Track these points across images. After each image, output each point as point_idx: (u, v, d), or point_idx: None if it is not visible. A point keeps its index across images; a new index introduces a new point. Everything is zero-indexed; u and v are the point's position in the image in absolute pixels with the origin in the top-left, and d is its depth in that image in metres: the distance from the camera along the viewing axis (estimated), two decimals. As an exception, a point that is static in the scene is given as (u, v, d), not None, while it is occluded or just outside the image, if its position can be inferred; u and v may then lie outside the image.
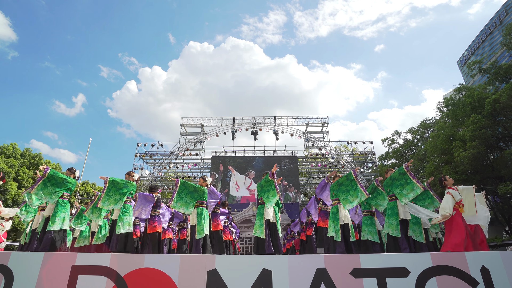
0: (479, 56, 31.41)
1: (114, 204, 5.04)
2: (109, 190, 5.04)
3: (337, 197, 5.26)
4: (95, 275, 3.36)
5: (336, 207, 5.27)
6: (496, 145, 23.06)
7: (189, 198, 5.17)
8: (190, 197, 5.18)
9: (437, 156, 23.87)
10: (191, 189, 5.22)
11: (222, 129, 26.79)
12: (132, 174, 5.53)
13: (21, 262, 3.45)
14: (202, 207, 5.17)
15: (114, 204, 5.05)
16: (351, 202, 5.05)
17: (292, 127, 27.17)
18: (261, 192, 5.41)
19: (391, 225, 5.01)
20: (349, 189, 5.10)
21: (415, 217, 5.04)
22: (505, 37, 23.63)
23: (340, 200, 5.20)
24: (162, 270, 3.37)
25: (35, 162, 30.71)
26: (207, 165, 27.12)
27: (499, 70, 22.93)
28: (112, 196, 5.04)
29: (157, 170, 25.62)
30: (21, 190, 27.34)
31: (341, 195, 5.17)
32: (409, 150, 33.21)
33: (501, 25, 40.90)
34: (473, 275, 3.33)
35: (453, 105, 24.53)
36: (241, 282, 3.30)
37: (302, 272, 3.35)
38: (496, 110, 19.96)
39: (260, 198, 5.41)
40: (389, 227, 5.01)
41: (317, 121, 27.50)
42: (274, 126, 26.84)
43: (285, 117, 27.59)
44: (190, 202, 5.16)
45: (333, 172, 5.81)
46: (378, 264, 3.41)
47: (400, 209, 5.08)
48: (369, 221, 5.38)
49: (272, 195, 5.22)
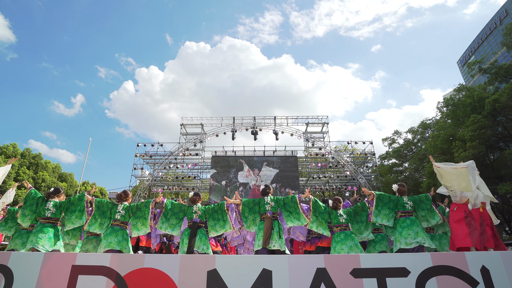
0: (479, 56, 31.42)
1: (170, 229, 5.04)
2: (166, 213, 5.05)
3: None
4: (95, 275, 3.36)
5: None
6: (496, 145, 23.05)
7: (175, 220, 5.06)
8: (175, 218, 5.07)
9: (437, 156, 23.84)
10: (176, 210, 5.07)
11: (222, 129, 26.79)
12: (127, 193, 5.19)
13: (21, 262, 3.45)
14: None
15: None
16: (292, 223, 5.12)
17: (292, 127, 27.18)
18: (283, 209, 5.10)
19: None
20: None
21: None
22: (505, 37, 23.63)
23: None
24: (162, 270, 3.36)
25: (35, 162, 30.72)
26: (207, 165, 27.10)
27: (499, 70, 22.91)
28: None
29: (157, 170, 25.62)
30: (21, 190, 27.36)
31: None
32: (409, 150, 33.22)
33: (501, 25, 40.90)
34: (473, 275, 3.32)
35: (453, 105, 24.52)
36: (241, 282, 3.30)
37: (302, 272, 3.35)
38: (496, 110, 19.95)
39: (276, 213, 5.04)
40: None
41: (317, 121, 27.49)
42: (274, 126, 26.83)
43: (285, 117, 27.60)
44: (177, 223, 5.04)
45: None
46: (378, 264, 3.41)
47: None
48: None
49: (296, 218, 5.00)
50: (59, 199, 5.08)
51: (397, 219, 4.91)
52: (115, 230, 4.59)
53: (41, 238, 4.48)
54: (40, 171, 30.62)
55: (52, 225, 4.70)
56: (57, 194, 5.05)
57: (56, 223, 4.78)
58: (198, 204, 5.15)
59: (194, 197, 5.21)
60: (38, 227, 4.62)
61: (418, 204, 5.05)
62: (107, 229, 4.70)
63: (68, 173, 35.07)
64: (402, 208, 4.91)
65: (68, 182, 33.95)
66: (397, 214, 4.93)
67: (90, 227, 4.75)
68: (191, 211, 5.01)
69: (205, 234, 4.91)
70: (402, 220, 4.78)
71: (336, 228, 4.94)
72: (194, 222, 4.88)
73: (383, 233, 5.60)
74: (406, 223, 4.71)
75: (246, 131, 26.73)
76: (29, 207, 4.80)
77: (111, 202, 4.98)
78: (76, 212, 4.88)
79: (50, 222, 4.70)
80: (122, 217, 4.74)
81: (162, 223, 4.99)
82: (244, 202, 5.20)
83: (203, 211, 5.05)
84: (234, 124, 26.98)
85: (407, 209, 4.89)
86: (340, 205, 5.15)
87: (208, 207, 5.15)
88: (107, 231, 4.61)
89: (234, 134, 26.49)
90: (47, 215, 4.72)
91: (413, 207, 4.97)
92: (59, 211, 4.83)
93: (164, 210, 5.04)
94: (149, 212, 4.79)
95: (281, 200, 5.14)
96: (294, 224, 5.10)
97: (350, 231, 4.88)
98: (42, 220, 4.69)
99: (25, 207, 4.82)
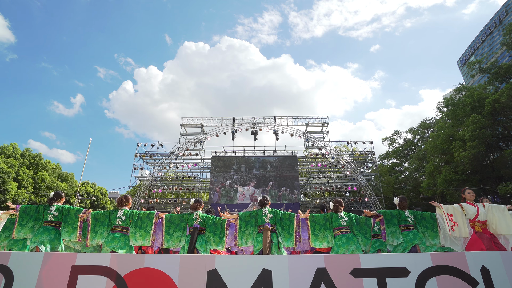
0: (479, 56, 31.44)
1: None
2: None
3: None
4: (95, 275, 3.36)
5: None
6: (496, 145, 23.05)
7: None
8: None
9: (437, 156, 23.87)
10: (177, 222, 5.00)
11: (222, 129, 26.80)
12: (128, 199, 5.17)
13: (21, 262, 3.45)
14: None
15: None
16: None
17: (292, 127, 27.19)
18: (278, 224, 5.04)
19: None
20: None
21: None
22: (505, 37, 23.65)
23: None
24: (162, 270, 3.36)
25: (35, 162, 30.73)
26: (207, 165, 27.11)
27: (499, 70, 22.93)
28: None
29: (157, 170, 25.62)
30: (21, 190, 27.36)
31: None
32: (409, 150, 33.25)
33: (501, 25, 40.93)
34: (473, 275, 3.32)
35: (453, 105, 24.54)
36: (241, 282, 3.30)
37: (302, 272, 3.35)
38: (496, 110, 19.96)
39: (274, 225, 4.99)
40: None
41: (317, 121, 27.51)
42: (274, 126, 26.85)
43: (285, 117, 27.62)
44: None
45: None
46: (378, 264, 3.41)
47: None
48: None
49: (285, 238, 4.92)
50: (61, 202, 5.11)
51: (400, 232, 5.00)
52: (116, 237, 4.58)
53: (44, 239, 4.54)
54: (40, 171, 30.62)
55: (54, 228, 4.73)
56: (58, 199, 5.07)
57: (58, 227, 4.80)
58: (199, 211, 5.16)
59: (195, 204, 5.22)
60: (41, 229, 4.67)
61: (420, 220, 5.08)
62: (108, 235, 4.66)
63: (68, 173, 35.09)
64: (404, 222, 5.01)
65: (68, 182, 33.97)
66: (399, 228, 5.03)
67: (92, 241, 4.67)
68: (191, 217, 5.00)
69: (205, 240, 4.90)
70: (405, 234, 4.90)
71: (337, 231, 4.88)
72: (194, 228, 4.87)
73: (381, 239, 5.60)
74: (409, 237, 4.83)
75: (246, 131, 26.75)
76: (30, 219, 4.77)
77: (109, 210, 4.92)
78: (69, 226, 4.83)
79: (52, 225, 4.73)
80: (123, 222, 4.70)
81: (167, 241, 4.90)
82: (240, 216, 5.15)
83: (203, 219, 5.04)
84: (234, 124, 27.00)
85: (409, 222, 4.98)
86: (341, 208, 5.09)
87: (208, 217, 5.12)
88: (108, 237, 4.59)
89: (234, 134, 26.51)
90: (50, 218, 4.76)
91: (414, 221, 5.04)
92: (61, 215, 4.85)
93: (165, 226, 4.97)
94: (152, 226, 4.76)
95: (279, 215, 5.09)
96: (282, 243, 4.92)
97: (351, 234, 4.83)
98: (45, 223, 4.72)
99: (26, 221, 4.76)
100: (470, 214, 4.65)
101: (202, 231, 4.95)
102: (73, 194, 30.87)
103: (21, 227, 4.71)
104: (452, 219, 4.65)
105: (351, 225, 4.99)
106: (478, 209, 4.67)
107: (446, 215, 4.70)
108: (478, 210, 4.65)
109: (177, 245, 4.90)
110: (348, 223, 4.95)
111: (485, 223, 4.61)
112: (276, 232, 4.90)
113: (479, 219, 4.61)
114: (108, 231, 4.70)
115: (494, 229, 4.57)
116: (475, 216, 4.63)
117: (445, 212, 4.72)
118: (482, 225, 4.59)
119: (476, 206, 4.72)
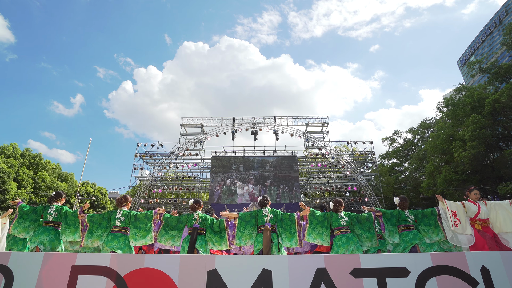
0: (479, 56, 31.43)
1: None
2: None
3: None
4: (95, 275, 3.36)
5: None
6: (496, 145, 23.06)
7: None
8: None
9: (437, 156, 23.88)
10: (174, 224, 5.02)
11: (222, 129, 26.79)
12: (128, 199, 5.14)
13: (21, 262, 3.45)
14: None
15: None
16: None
17: (292, 127, 27.20)
18: (278, 225, 5.00)
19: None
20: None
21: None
22: (505, 37, 23.65)
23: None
24: (162, 270, 3.36)
25: (35, 162, 30.73)
26: (207, 165, 27.11)
27: (499, 70, 22.93)
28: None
29: (157, 170, 25.62)
30: (21, 190, 27.37)
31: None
32: (409, 150, 33.25)
33: (501, 25, 40.93)
34: (473, 275, 3.32)
35: (453, 105, 24.55)
36: (241, 282, 3.30)
37: (302, 272, 3.35)
38: (496, 110, 19.97)
39: (274, 226, 4.96)
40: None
41: (317, 121, 27.50)
42: (274, 126, 26.85)
43: (285, 117, 27.62)
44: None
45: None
46: (378, 264, 3.41)
47: None
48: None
49: (288, 238, 4.87)
50: (61, 202, 5.10)
51: (400, 233, 4.96)
52: (116, 236, 4.56)
53: (44, 239, 4.55)
54: (40, 171, 30.62)
55: (54, 228, 4.73)
56: (59, 198, 5.06)
57: (58, 227, 4.79)
58: (198, 212, 5.15)
59: (194, 205, 5.21)
60: (40, 229, 4.66)
61: (421, 219, 5.05)
62: (107, 236, 4.64)
63: (68, 173, 35.09)
64: (404, 222, 4.98)
65: (68, 182, 33.97)
66: (399, 228, 4.98)
67: (87, 242, 4.65)
68: (191, 218, 4.99)
69: (205, 241, 4.89)
70: (405, 234, 4.88)
71: (337, 231, 4.86)
72: (194, 228, 4.86)
73: (382, 239, 5.57)
74: (408, 237, 4.81)
75: (246, 131, 26.75)
76: (27, 219, 4.76)
77: (107, 212, 4.91)
78: (71, 227, 4.83)
79: (52, 225, 4.73)
80: (122, 223, 4.69)
81: (161, 236, 4.92)
82: (240, 215, 5.12)
83: (202, 219, 5.03)
84: (234, 124, 26.99)
85: (409, 222, 4.96)
86: (341, 208, 5.08)
87: (207, 217, 5.11)
88: (108, 238, 4.57)
89: (234, 134, 26.51)
90: (49, 219, 4.76)
91: (414, 221, 5.01)
92: (60, 216, 4.84)
93: (164, 223, 5.00)
94: (151, 224, 4.76)
95: (279, 215, 5.07)
96: (284, 243, 4.90)
97: (351, 234, 4.81)
98: (44, 223, 4.72)
99: (23, 220, 4.74)
100: (470, 212, 4.65)
101: (202, 231, 4.94)
102: (73, 194, 30.86)
103: (18, 224, 4.71)
104: (455, 216, 4.64)
105: (352, 225, 4.98)
106: (479, 208, 4.67)
107: (449, 210, 4.69)
108: (479, 209, 4.65)
109: (171, 243, 4.93)
110: (348, 223, 4.94)
111: (486, 221, 4.61)
112: (276, 232, 4.88)
113: (480, 217, 4.62)
114: (107, 232, 4.69)
115: (499, 227, 4.54)
116: (476, 214, 4.63)
117: (448, 207, 4.72)
118: (482, 223, 4.59)
119: (477, 205, 4.72)
